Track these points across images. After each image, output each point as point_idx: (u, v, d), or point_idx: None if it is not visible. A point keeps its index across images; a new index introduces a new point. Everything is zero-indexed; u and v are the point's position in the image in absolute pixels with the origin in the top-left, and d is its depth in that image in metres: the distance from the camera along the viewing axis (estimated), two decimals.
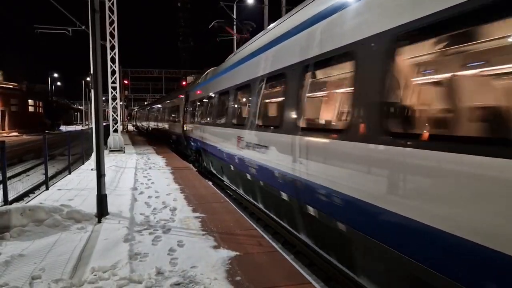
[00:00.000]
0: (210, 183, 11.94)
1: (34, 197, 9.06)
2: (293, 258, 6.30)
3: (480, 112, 2.86)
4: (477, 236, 2.51)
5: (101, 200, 7.08)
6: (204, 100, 13.64)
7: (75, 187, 10.20)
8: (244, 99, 8.47)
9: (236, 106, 9.08)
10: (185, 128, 17.52)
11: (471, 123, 2.86)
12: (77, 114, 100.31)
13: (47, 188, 9.90)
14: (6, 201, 7.46)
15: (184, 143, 18.00)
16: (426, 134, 3.08)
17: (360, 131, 3.79)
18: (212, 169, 12.55)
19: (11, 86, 48.85)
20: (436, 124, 3.29)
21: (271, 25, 7.74)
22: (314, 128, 5.12)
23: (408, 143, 3.12)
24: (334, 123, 4.95)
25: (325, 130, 4.97)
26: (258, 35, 8.54)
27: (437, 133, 3.14)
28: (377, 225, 3.56)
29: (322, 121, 5.25)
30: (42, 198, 8.66)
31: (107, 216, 7.06)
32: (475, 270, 2.58)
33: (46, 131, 46.77)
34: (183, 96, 19.33)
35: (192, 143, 15.77)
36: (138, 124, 57.72)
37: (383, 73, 3.48)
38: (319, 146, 4.70)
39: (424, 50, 3.32)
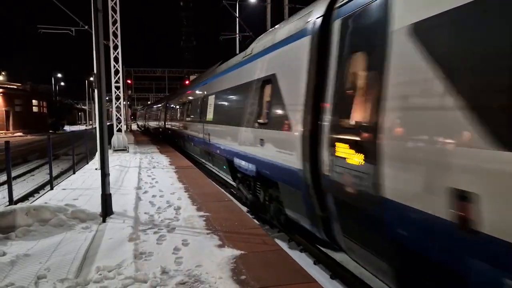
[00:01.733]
0: (214, 182, 11.94)
1: (39, 197, 9.09)
2: (298, 257, 6.29)
3: None
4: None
5: (106, 199, 7.09)
6: None
7: (80, 186, 10.23)
8: None
9: None
10: None
11: None
12: (80, 114, 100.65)
13: (51, 188, 9.93)
14: (11, 201, 7.49)
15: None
16: None
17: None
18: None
19: (15, 87, 49.04)
20: None
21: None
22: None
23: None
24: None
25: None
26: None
27: None
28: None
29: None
30: (47, 198, 8.68)
31: (111, 216, 7.07)
32: None
33: (50, 131, 47.03)
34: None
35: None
36: (149, 124, 46.62)
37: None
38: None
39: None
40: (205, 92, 14.49)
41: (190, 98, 18.10)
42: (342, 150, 4.49)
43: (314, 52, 5.44)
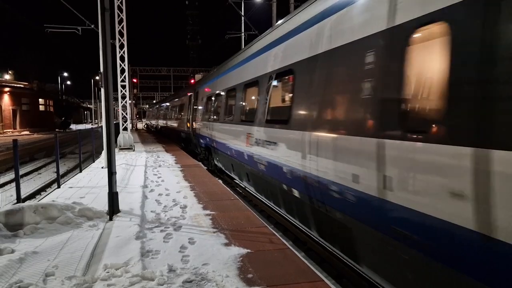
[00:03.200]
0: (220, 181, 11.95)
1: (46, 195, 9.16)
2: (304, 256, 6.29)
3: None
4: None
5: (113, 197, 7.12)
6: None
7: (86, 185, 10.29)
8: None
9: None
10: None
11: None
12: (86, 113, 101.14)
13: (58, 186, 10.00)
14: (19, 199, 7.55)
15: None
16: None
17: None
18: None
19: (22, 86, 49.39)
20: None
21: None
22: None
23: None
24: None
25: None
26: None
27: None
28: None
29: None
30: (54, 196, 8.74)
31: (118, 214, 7.10)
32: None
33: (57, 130, 47.32)
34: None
35: None
36: (163, 124, 35.57)
37: None
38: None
39: None
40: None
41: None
42: None
43: None
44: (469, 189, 2.73)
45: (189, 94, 20.61)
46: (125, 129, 19.67)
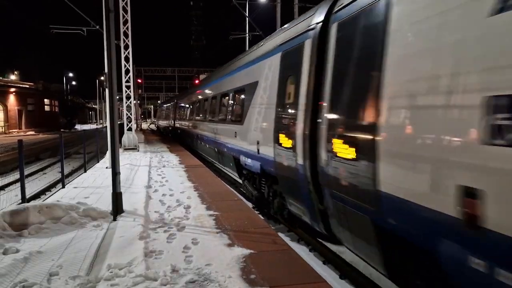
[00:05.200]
0: (223, 181, 11.96)
1: (51, 195, 9.22)
2: (307, 256, 6.29)
3: None
4: None
5: (116, 198, 7.15)
6: None
7: (91, 185, 10.34)
8: None
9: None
10: None
11: None
12: (91, 113, 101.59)
13: (63, 186, 10.06)
14: (24, 199, 7.59)
15: None
16: None
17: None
18: None
19: (27, 86, 49.70)
20: None
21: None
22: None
23: None
24: None
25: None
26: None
27: None
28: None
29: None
30: (59, 196, 8.79)
31: (122, 214, 7.13)
32: None
33: (62, 130, 47.57)
34: None
35: None
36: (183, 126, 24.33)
37: None
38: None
39: None
40: None
41: None
42: None
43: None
44: None
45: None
46: (130, 129, 19.73)
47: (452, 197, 3.00)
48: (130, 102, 19.62)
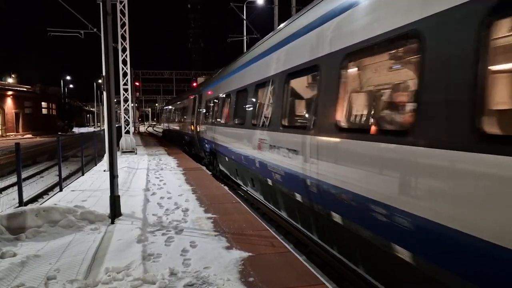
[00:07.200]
0: (222, 184, 11.96)
1: (48, 198, 9.18)
2: (305, 259, 6.27)
3: None
4: None
5: (114, 201, 7.13)
6: None
7: (88, 188, 10.31)
8: None
9: None
10: None
11: None
12: (89, 116, 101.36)
13: (61, 190, 10.02)
14: (21, 202, 7.57)
15: None
16: None
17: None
18: None
19: (25, 89, 49.58)
20: None
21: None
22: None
23: None
24: None
25: None
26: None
27: None
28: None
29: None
30: (56, 199, 8.76)
31: (120, 217, 7.11)
32: None
33: (59, 133, 47.47)
34: None
35: None
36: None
37: None
38: None
39: None
40: None
41: None
42: None
43: None
44: None
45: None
46: (128, 132, 19.71)
47: None
48: (128, 105, 19.61)
